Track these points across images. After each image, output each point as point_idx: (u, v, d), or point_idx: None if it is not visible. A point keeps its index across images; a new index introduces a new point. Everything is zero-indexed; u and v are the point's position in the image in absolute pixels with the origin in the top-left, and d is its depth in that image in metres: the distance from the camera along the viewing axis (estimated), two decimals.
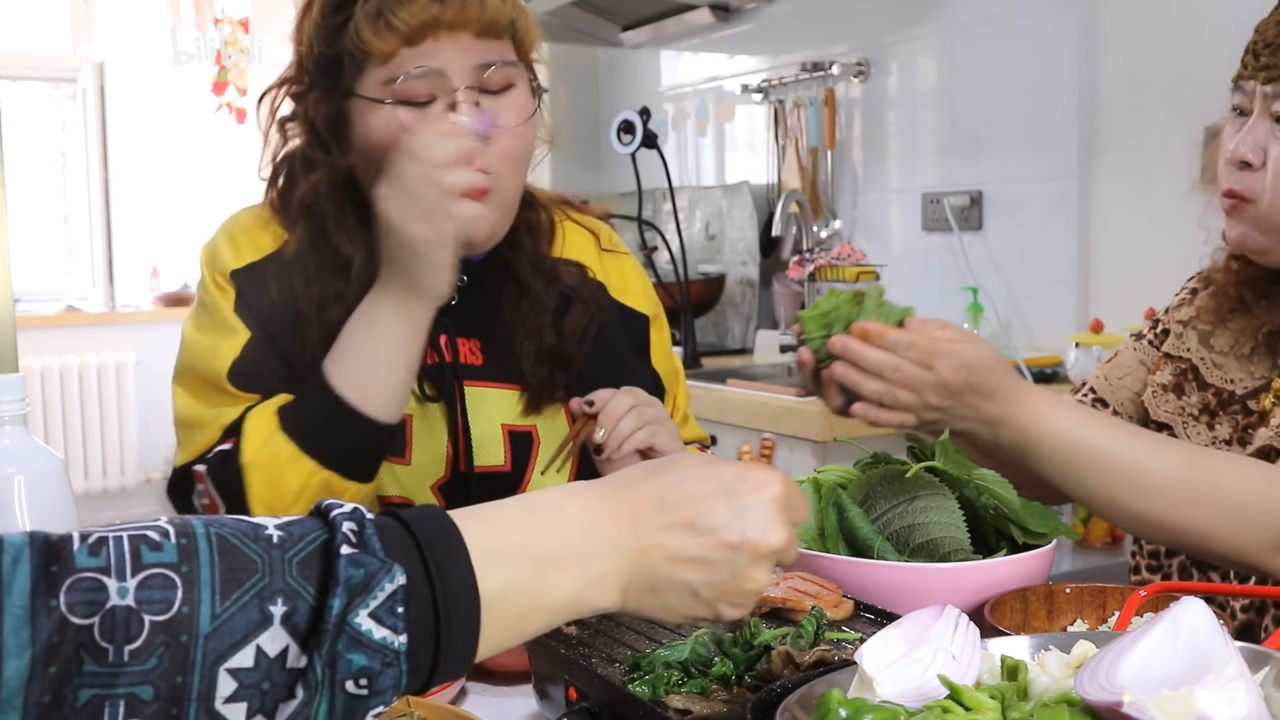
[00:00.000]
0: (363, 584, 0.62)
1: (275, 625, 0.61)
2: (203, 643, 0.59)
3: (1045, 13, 2.77)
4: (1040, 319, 2.86)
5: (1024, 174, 2.86)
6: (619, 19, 3.99)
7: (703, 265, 3.82)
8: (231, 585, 0.60)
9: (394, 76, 1.24)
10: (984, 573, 1.12)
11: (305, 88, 1.32)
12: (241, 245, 1.34)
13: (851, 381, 1.18)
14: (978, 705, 0.71)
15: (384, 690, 0.63)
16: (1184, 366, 1.41)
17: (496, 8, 1.26)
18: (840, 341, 1.17)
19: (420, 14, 1.22)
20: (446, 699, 1.05)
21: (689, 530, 0.75)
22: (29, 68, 5.78)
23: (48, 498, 1.03)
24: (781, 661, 0.91)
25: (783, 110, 3.56)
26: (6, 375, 1.03)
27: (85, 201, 5.91)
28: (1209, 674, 0.66)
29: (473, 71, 1.26)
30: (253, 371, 1.29)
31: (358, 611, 0.62)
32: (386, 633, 0.63)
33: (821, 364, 1.20)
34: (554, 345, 1.38)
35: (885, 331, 1.17)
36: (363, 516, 0.66)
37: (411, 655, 0.64)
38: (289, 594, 0.62)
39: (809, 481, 1.23)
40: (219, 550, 0.61)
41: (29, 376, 4.52)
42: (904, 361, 1.15)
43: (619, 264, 1.51)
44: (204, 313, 1.34)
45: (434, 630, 0.65)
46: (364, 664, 0.62)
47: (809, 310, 1.22)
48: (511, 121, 1.28)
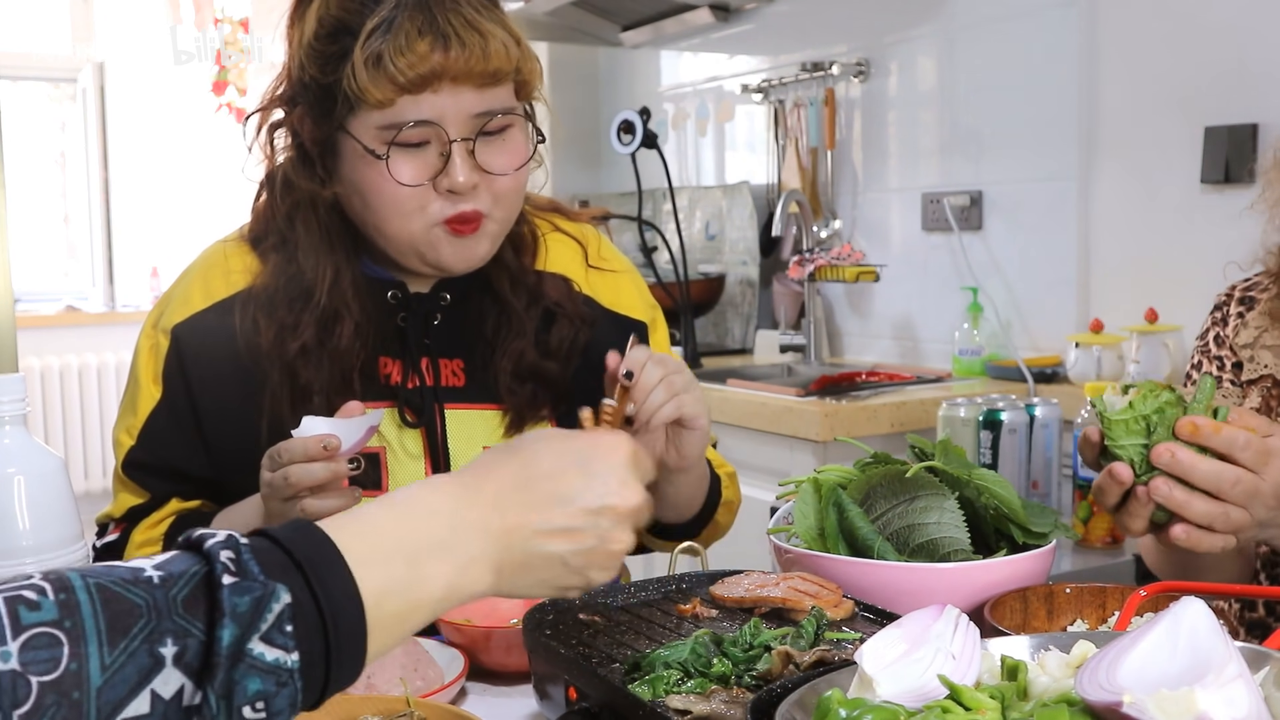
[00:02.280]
0: (250, 611, 0.62)
1: (168, 667, 0.60)
2: (95, 696, 0.58)
3: (1045, 13, 2.77)
4: (1040, 319, 2.86)
5: (1024, 174, 2.86)
6: (619, 19, 3.99)
7: (703, 265, 3.82)
8: (118, 634, 0.59)
9: (389, 124, 1.22)
10: (984, 573, 1.12)
11: (294, 101, 1.30)
12: (213, 284, 1.35)
13: (1177, 503, 1.01)
14: (978, 705, 0.71)
15: (280, 711, 0.63)
16: (1267, 385, 1.36)
17: (500, 57, 1.23)
18: (1167, 451, 1.00)
19: (420, 65, 1.19)
20: (446, 699, 1.05)
21: (551, 503, 0.78)
22: (29, 68, 5.78)
23: (48, 498, 1.03)
24: (781, 661, 0.91)
25: (783, 110, 3.56)
26: (6, 375, 1.03)
27: (85, 201, 5.91)
28: (1209, 674, 0.66)
29: (471, 121, 1.24)
30: (145, 463, 1.33)
31: (251, 638, 0.62)
32: (279, 653, 0.63)
33: (1140, 479, 1.02)
34: (535, 363, 1.36)
35: (1219, 428, 1.00)
36: (236, 542, 0.66)
37: (305, 671, 0.64)
38: (178, 633, 0.61)
39: (809, 481, 1.23)
40: (100, 600, 0.60)
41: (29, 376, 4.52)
42: (1244, 473, 1.01)
43: (607, 277, 1.48)
44: (129, 374, 1.38)
45: (324, 644, 0.65)
46: (259, 688, 0.62)
47: (1117, 410, 1.03)
48: (506, 168, 1.27)
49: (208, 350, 1.32)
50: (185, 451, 1.33)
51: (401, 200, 1.24)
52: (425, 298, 1.37)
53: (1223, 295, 1.45)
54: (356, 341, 1.30)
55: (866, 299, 3.35)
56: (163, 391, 1.33)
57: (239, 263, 1.36)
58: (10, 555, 1.00)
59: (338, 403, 1.23)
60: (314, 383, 1.28)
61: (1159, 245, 2.57)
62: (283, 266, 1.32)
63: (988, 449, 2.24)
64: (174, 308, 1.35)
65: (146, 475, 1.34)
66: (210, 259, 1.38)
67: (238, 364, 1.30)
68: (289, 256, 1.32)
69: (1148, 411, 1.01)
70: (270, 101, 1.33)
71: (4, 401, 1.02)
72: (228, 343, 1.31)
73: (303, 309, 1.30)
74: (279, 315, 1.30)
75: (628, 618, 1.09)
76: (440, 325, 1.37)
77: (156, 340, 1.34)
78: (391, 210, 1.25)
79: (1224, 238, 1.47)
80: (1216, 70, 2.41)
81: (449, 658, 1.14)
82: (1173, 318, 2.47)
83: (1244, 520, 1.03)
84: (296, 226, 1.32)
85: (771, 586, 1.09)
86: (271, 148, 1.35)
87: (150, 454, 1.33)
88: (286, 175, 1.33)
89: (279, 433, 1.24)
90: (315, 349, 1.29)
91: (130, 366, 1.38)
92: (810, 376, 3.07)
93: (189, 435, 1.33)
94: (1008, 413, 2.24)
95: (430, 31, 1.19)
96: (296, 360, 1.28)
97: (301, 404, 1.27)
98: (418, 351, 1.35)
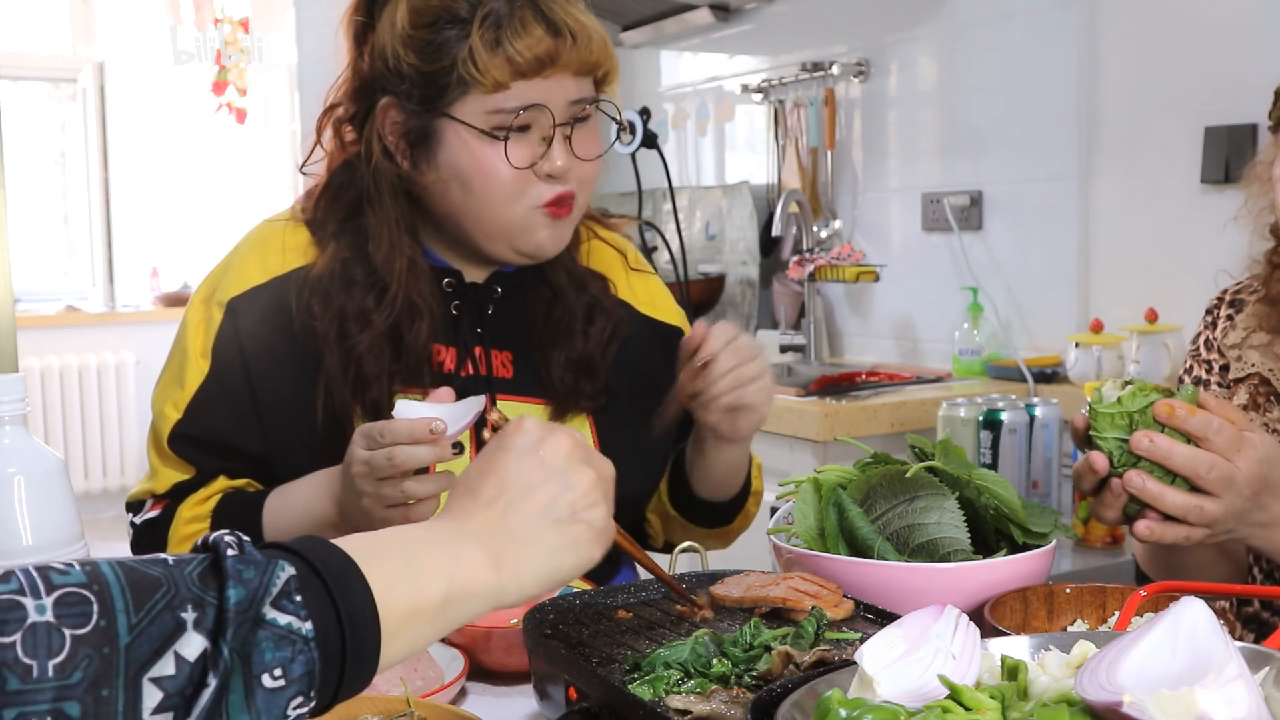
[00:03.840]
0: (256, 577, 0.65)
1: (189, 631, 0.62)
2: (124, 653, 0.60)
3: (1045, 13, 2.77)
4: (1040, 319, 2.86)
5: (1024, 174, 2.86)
6: (619, 19, 3.99)
7: (703, 265, 3.82)
8: (142, 599, 0.62)
9: (501, 107, 1.26)
10: (984, 573, 1.12)
11: (376, 97, 1.31)
12: (269, 260, 1.35)
13: (1151, 495, 1.04)
14: (978, 705, 0.71)
15: (298, 678, 0.64)
16: (1254, 383, 1.37)
17: (602, 50, 1.30)
18: (1145, 437, 1.03)
19: (537, 48, 1.25)
20: (446, 699, 1.05)
21: (501, 484, 0.81)
22: (29, 68, 5.78)
23: (48, 498, 1.03)
24: (781, 661, 0.91)
25: (783, 110, 3.56)
26: (6, 375, 1.03)
27: (85, 201, 5.91)
28: (1209, 674, 0.66)
29: (568, 107, 1.30)
30: (194, 435, 1.32)
31: (263, 603, 0.64)
32: (290, 619, 0.65)
33: (1117, 470, 1.06)
34: (584, 355, 1.39)
35: (1195, 411, 1.02)
36: (241, 539, 0.68)
37: (320, 642, 0.66)
38: (196, 601, 0.63)
39: (809, 481, 1.23)
40: (123, 572, 0.63)
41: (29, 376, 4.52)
42: (1219, 459, 1.02)
43: (645, 281, 1.53)
44: (173, 347, 1.37)
45: (334, 615, 0.67)
46: (275, 654, 0.64)
47: (1105, 404, 1.07)
48: (592, 153, 1.33)
49: (265, 326, 1.33)
50: (236, 426, 1.32)
51: (507, 183, 1.28)
52: (480, 288, 1.40)
53: (1214, 300, 1.47)
54: (429, 335, 1.32)
55: (866, 299, 3.35)
56: (212, 365, 1.33)
57: (294, 241, 1.36)
58: (10, 555, 1.00)
59: (397, 389, 1.28)
60: (380, 371, 1.29)
61: (1159, 245, 2.57)
62: (347, 255, 1.33)
63: (988, 449, 2.24)
64: (230, 281, 1.35)
65: (195, 450, 1.33)
66: (265, 235, 1.38)
67: (293, 343, 1.31)
68: (355, 245, 1.33)
69: (1134, 409, 1.05)
70: (343, 96, 1.35)
71: (4, 401, 1.02)
72: (285, 320, 1.32)
73: (372, 297, 1.31)
74: (342, 302, 1.31)
75: (629, 621, 1.09)
76: (493, 316, 1.39)
77: (209, 314, 1.34)
78: (498, 194, 1.29)
79: (1224, 238, 1.47)
80: (1216, 70, 2.41)
81: (449, 658, 1.14)
82: (1173, 318, 2.47)
83: (1217, 511, 1.04)
84: (367, 216, 1.33)
85: (771, 586, 1.09)
86: (340, 141, 1.36)
87: (199, 428, 1.32)
88: (375, 166, 1.32)
89: (334, 417, 1.27)
90: (389, 340, 1.30)
91: (176, 340, 1.37)
92: (810, 376, 3.07)
93: (241, 410, 1.32)
94: (1008, 413, 2.24)
95: (542, 21, 1.26)
96: (365, 349, 1.29)
97: (362, 390, 1.29)
98: (471, 340, 1.37)
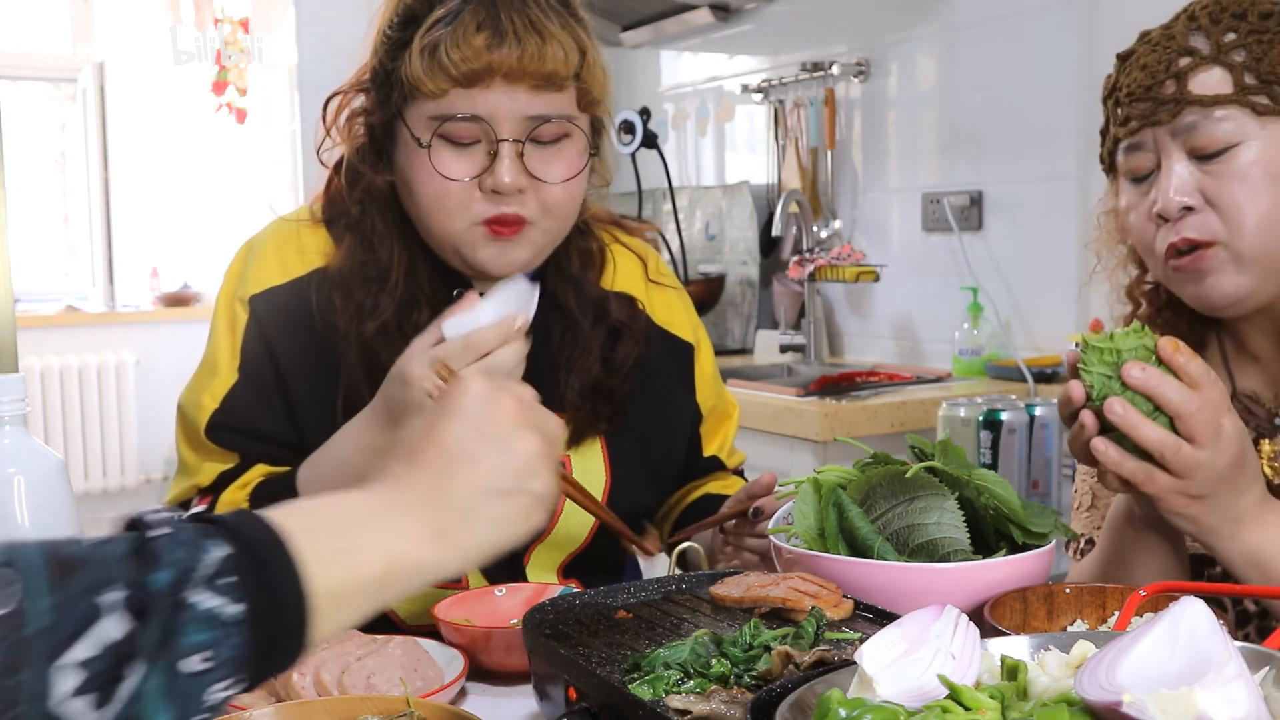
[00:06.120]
0: (186, 559, 0.63)
1: (112, 613, 0.61)
2: (37, 638, 0.58)
3: (1045, 13, 2.77)
4: (1040, 319, 2.86)
5: (1024, 174, 2.86)
6: (619, 19, 3.99)
7: (703, 265, 3.82)
8: (65, 578, 0.60)
9: (441, 115, 1.23)
10: (984, 573, 1.12)
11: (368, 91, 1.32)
12: (288, 260, 1.34)
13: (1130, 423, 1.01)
14: (978, 705, 0.71)
15: (226, 661, 0.63)
16: None
17: (556, 61, 1.22)
18: (1138, 367, 1.01)
19: (474, 60, 1.20)
20: (446, 699, 1.05)
21: (444, 453, 0.79)
22: (29, 68, 5.78)
23: (48, 498, 1.03)
24: (781, 661, 0.91)
25: (783, 110, 3.56)
26: (6, 375, 1.03)
27: (85, 201, 5.91)
28: (1209, 674, 0.66)
29: (523, 123, 1.24)
30: (230, 425, 1.31)
31: (191, 584, 0.63)
32: (221, 600, 0.63)
33: (1093, 403, 1.05)
34: (601, 380, 1.37)
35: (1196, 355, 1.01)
36: (174, 516, 0.67)
37: (251, 625, 0.64)
38: (121, 581, 0.62)
39: (809, 482, 1.23)
40: (45, 550, 0.61)
41: (29, 376, 4.52)
42: (1208, 405, 1.00)
43: (664, 295, 1.50)
44: (206, 346, 1.35)
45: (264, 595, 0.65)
46: (202, 636, 0.62)
47: (1099, 337, 1.05)
48: (555, 178, 1.26)
49: (285, 325, 1.32)
50: (269, 415, 1.31)
51: (444, 195, 1.25)
52: None
53: None
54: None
55: (866, 299, 3.35)
56: (241, 360, 1.32)
57: (312, 242, 1.35)
58: None
59: None
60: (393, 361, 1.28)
61: None
62: (357, 249, 1.32)
63: (988, 449, 2.24)
64: (251, 279, 1.34)
65: (235, 436, 1.31)
66: (282, 235, 1.37)
67: (314, 340, 1.31)
68: (363, 239, 1.32)
69: (1124, 346, 1.04)
70: (351, 85, 1.34)
71: (4, 401, 1.02)
72: (305, 319, 1.31)
73: (380, 290, 1.30)
74: (356, 296, 1.30)
75: (631, 623, 1.08)
76: None
77: (234, 312, 1.33)
78: (434, 204, 1.26)
79: None
80: None
81: (449, 658, 1.14)
82: None
83: (1196, 458, 1.02)
84: (370, 211, 1.33)
85: (771, 586, 1.09)
86: (350, 132, 1.35)
87: (236, 417, 1.32)
88: (353, 162, 1.34)
89: (355, 407, 1.24)
90: (394, 330, 1.29)
91: (208, 339, 1.36)
92: (810, 376, 3.07)
93: (273, 401, 1.32)
94: (1008, 413, 2.24)
95: (489, 27, 1.20)
96: (375, 340, 1.28)
97: (379, 380, 1.27)
98: None
